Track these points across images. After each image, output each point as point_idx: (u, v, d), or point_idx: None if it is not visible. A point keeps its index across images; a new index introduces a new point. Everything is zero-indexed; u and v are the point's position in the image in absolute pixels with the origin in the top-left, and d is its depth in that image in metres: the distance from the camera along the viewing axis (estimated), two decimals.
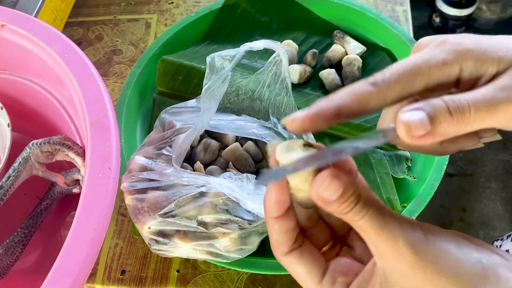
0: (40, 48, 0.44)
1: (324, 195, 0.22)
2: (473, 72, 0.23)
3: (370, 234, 0.22)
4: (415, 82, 0.22)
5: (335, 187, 0.21)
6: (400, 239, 0.21)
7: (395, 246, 0.21)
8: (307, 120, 0.22)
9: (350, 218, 0.22)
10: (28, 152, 0.42)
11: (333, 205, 0.22)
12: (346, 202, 0.22)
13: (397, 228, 0.21)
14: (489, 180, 1.19)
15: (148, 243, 0.42)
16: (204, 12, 0.62)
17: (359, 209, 0.22)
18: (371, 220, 0.21)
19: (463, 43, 0.23)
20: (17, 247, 0.44)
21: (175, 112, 0.47)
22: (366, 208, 0.22)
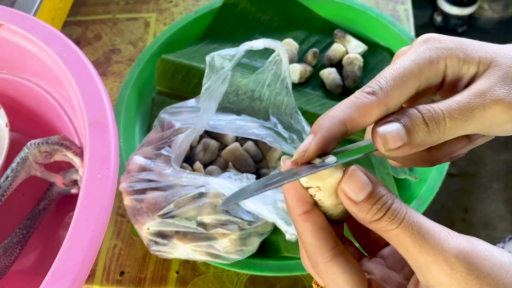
0: (38, 47, 0.44)
1: (349, 192, 0.19)
2: (455, 71, 0.22)
3: (409, 246, 0.19)
4: (409, 85, 0.22)
5: (361, 181, 0.19)
6: (448, 249, 0.18)
7: (442, 257, 0.18)
8: (317, 148, 0.21)
9: (383, 227, 0.19)
10: (26, 152, 0.41)
11: (362, 208, 0.19)
12: (377, 205, 0.19)
13: (441, 236, 0.19)
14: (491, 180, 1.19)
15: (147, 244, 0.41)
16: (203, 11, 0.61)
17: (392, 215, 0.19)
18: (409, 229, 0.19)
19: (445, 41, 0.23)
20: (15, 247, 0.44)
21: (174, 112, 0.47)
22: (402, 214, 0.19)
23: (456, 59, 0.22)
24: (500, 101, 0.21)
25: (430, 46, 0.23)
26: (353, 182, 0.20)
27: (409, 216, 0.19)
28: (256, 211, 0.38)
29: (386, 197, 0.20)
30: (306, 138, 0.22)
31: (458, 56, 0.22)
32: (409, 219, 0.19)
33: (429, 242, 0.18)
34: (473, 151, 1.11)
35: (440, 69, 0.22)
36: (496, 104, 0.21)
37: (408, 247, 0.19)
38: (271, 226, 0.43)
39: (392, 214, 0.19)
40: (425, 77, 0.22)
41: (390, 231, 0.19)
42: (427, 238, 0.19)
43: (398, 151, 0.20)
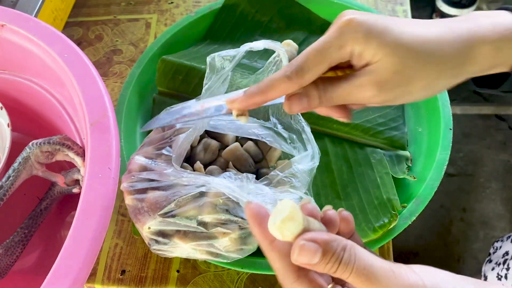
0: (40, 48, 0.44)
1: (305, 262, 0.23)
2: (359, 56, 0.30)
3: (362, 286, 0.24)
4: (321, 67, 0.30)
5: (312, 250, 0.23)
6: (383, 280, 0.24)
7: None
8: (242, 103, 0.32)
9: (340, 276, 0.24)
10: (28, 152, 0.42)
11: (319, 267, 0.24)
12: (330, 262, 0.23)
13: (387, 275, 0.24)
14: (489, 180, 1.19)
15: (148, 243, 0.42)
16: (204, 12, 0.61)
17: (344, 266, 0.23)
18: (359, 276, 0.23)
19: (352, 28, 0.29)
20: (17, 247, 0.44)
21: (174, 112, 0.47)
22: (351, 264, 0.24)
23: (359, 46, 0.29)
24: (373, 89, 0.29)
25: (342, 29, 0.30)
26: (304, 253, 0.23)
27: (358, 264, 0.24)
28: None
29: (337, 251, 0.24)
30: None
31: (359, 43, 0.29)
32: (359, 267, 0.24)
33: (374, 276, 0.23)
34: (472, 151, 1.10)
35: (347, 52, 0.30)
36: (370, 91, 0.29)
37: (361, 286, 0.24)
38: None
39: (344, 266, 0.23)
40: (334, 60, 0.30)
41: (347, 278, 0.24)
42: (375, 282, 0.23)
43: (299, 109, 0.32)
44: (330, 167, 0.50)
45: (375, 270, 0.24)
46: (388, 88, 0.29)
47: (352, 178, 0.49)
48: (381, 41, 0.28)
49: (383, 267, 0.24)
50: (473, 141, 1.26)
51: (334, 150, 0.51)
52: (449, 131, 0.50)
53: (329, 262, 0.23)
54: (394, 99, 0.30)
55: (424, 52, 0.28)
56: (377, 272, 0.24)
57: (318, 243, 0.23)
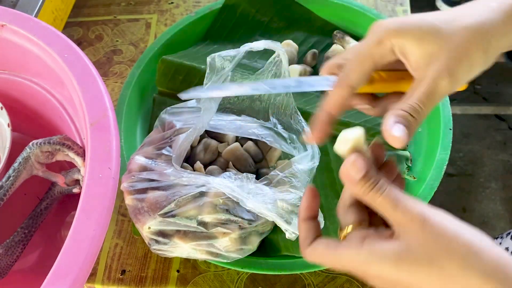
0: (40, 48, 0.44)
1: (350, 173, 0.27)
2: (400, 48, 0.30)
3: (388, 208, 0.27)
4: (365, 65, 0.31)
5: (359, 167, 0.27)
6: (412, 210, 0.26)
7: (409, 214, 0.26)
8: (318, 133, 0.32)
9: (371, 197, 0.27)
10: (28, 152, 0.42)
11: (358, 184, 0.27)
12: (368, 183, 0.27)
13: (409, 203, 0.27)
14: (489, 180, 1.19)
15: (148, 243, 0.42)
16: (204, 12, 0.62)
17: (377, 189, 0.27)
18: (388, 198, 0.27)
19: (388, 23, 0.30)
20: (17, 247, 0.44)
21: (175, 112, 0.47)
22: (383, 189, 0.27)
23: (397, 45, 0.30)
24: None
25: (375, 30, 0.31)
26: (353, 167, 0.28)
27: (389, 190, 0.27)
28: (256, 210, 0.38)
29: (374, 178, 0.28)
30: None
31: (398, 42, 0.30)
32: (389, 192, 0.27)
33: (402, 203, 0.27)
34: (472, 151, 1.11)
35: (387, 48, 0.30)
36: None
37: (388, 209, 0.27)
38: (271, 225, 0.44)
39: (377, 189, 0.27)
40: (376, 57, 0.31)
41: (376, 199, 0.27)
42: (400, 201, 0.27)
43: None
44: (330, 167, 0.50)
45: (402, 198, 0.27)
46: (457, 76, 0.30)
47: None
48: (418, 30, 0.30)
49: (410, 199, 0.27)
50: (473, 141, 1.26)
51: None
52: (449, 131, 0.50)
53: (366, 183, 0.27)
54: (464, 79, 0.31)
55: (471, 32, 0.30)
56: (404, 199, 0.27)
57: (365, 164, 0.28)
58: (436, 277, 0.25)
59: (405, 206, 0.26)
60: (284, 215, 0.38)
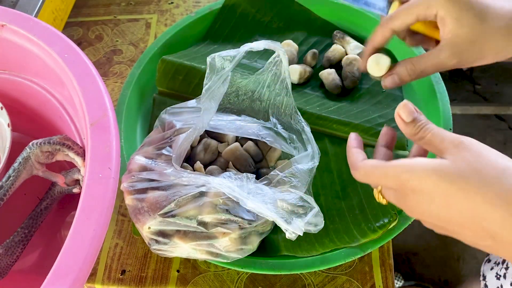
0: (40, 48, 0.44)
1: (402, 115, 0.33)
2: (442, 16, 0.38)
3: (436, 142, 0.32)
4: (409, 17, 0.39)
5: (410, 110, 0.33)
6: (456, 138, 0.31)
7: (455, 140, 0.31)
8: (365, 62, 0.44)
9: (421, 136, 0.32)
10: (28, 152, 0.42)
11: (409, 125, 0.33)
12: (418, 124, 0.33)
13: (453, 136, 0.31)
14: None
15: (148, 243, 0.42)
16: (204, 12, 0.62)
17: (426, 129, 0.32)
18: (435, 135, 0.32)
19: None
20: (17, 247, 0.44)
21: (175, 112, 0.47)
22: (431, 129, 0.32)
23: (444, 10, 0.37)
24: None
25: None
26: (406, 110, 0.33)
27: (436, 129, 0.32)
28: (256, 210, 0.38)
29: (423, 121, 0.33)
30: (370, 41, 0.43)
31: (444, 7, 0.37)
32: (436, 131, 0.32)
33: (447, 137, 0.32)
34: None
35: (432, 13, 0.38)
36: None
37: (436, 142, 0.32)
38: (271, 225, 0.44)
39: (426, 129, 0.32)
40: (421, 16, 0.39)
41: (425, 137, 0.32)
42: (446, 135, 0.32)
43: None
44: (330, 167, 0.50)
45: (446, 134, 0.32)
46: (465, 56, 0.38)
47: (352, 178, 0.49)
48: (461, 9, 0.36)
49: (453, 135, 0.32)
50: None
51: (334, 150, 0.51)
52: (449, 131, 0.50)
53: (416, 123, 0.33)
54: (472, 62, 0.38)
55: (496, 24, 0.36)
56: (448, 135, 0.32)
57: (416, 110, 0.33)
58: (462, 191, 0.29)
59: (450, 137, 0.31)
60: (284, 215, 0.38)
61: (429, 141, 0.32)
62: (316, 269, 0.43)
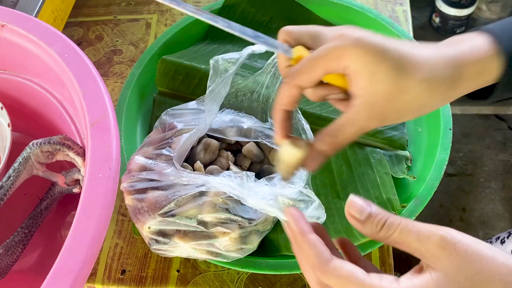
0: (40, 48, 0.44)
1: (355, 214, 0.26)
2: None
3: (410, 239, 0.25)
4: (317, 74, 0.31)
5: (362, 206, 0.27)
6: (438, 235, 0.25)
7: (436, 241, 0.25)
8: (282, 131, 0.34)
9: (385, 235, 0.26)
10: (28, 152, 0.42)
11: (366, 224, 0.26)
12: (377, 219, 0.26)
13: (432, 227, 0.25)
14: (489, 180, 1.19)
15: (148, 243, 0.42)
16: None
17: (390, 224, 0.26)
18: (406, 229, 0.25)
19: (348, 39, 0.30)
20: (17, 247, 0.44)
21: (175, 113, 0.47)
22: (397, 222, 0.26)
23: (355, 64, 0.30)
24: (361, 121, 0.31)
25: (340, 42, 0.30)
26: (355, 207, 0.27)
27: (404, 222, 0.25)
28: (257, 207, 0.38)
29: (382, 215, 0.26)
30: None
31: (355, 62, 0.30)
32: (404, 224, 0.25)
33: (423, 232, 0.25)
34: (472, 151, 1.10)
35: (342, 64, 0.30)
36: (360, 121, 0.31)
37: (408, 241, 0.25)
38: (271, 225, 0.44)
39: (389, 224, 0.26)
40: (330, 68, 0.30)
41: (391, 236, 0.26)
42: (421, 230, 0.25)
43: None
44: (330, 167, 0.50)
45: (421, 224, 0.25)
46: (385, 116, 0.30)
47: (352, 178, 0.49)
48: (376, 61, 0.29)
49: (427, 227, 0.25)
50: (473, 141, 1.26)
51: None
52: (449, 131, 0.50)
53: (375, 219, 0.26)
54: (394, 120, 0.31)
55: (418, 77, 0.29)
56: (423, 225, 0.25)
57: (365, 202, 0.27)
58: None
59: (428, 233, 0.25)
60: None
61: (399, 240, 0.26)
62: None
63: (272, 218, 0.43)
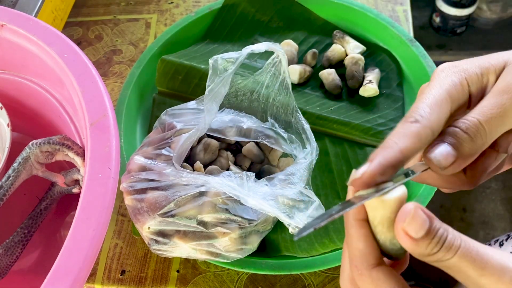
0: (39, 48, 0.44)
1: (409, 230, 0.20)
2: (478, 86, 0.25)
3: (469, 270, 0.19)
4: (444, 108, 0.23)
5: (421, 219, 0.20)
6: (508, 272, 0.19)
7: (507, 276, 0.19)
8: (373, 172, 0.21)
9: (440, 258, 0.20)
10: (28, 152, 0.42)
11: (421, 244, 0.20)
12: (435, 239, 0.20)
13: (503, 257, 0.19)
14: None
15: (148, 243, 0.42)
16: (204, 12, 0.61)
17: (449, 245, 0.20)
18: (468, 255, 0.20)
19: (460, 65, 0.25)
20: (17, 247, 0.44)
21: (175, 113, 0.47)
22: (457, 243, 0.20)
23: (475, 75, 0.25)
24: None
25: (449, 72, 0.25)
26: (414, 222, 0.20)
27: (465, 243, 0.20)
28: (257, 207, 0.38)
29: (442, 230, 0.20)
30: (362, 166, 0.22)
31: (475, 72, 0.25)
32: (466, 246, 0.20)
33: (491, 264, 0.19)
34: None
35: (465, 89, 0.24)
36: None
37: (468, 271, 0.20)
38: (271, 225, 0.44)
39: (448, 245, 0.20)
40: (454, 98, 0.24)
41: (448, 260, 0.20)
42: (488, 261, 0.19)
43: (453, 167, 0.23)
44: (330, 167, 0.50)
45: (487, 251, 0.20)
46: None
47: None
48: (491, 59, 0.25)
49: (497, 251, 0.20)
50: None
51: (334, 150, 0.51)
52: None
53: (433, 239, 0.20)
54: None
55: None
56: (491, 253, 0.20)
57: (426, 214, 0.20)
58: None
59: (498, 267, 0.19)
60: (286, 210, 0.38)
61: (456, 268, 0.20)
62: (316, 269, 0.43)
63: (272, 218, 0.43)
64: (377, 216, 0.21)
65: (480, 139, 0.23)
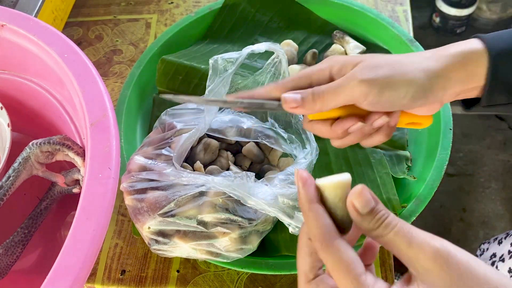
0: (40, 48, 0.44)
1: (357, 205, 0.25)
2: (338, 72, 0.35)
3: (401, 244, 0.24)
4: (302, 82, 0.35)
5: (367, 196, 0.25)
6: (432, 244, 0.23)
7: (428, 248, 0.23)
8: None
9: (379, 233, 0.25)
10: (28, 152, 0.42)
11: (365, 218, 0.25)
12: (377, 217, 0.25)
13: (426, 236, 0.24)
14: (489, 180, 1.19)
15: (148, 243, 0.42)
16: (204, 12, 0.62)
17: (387, 224, 0.25)
18: (400, 232, 0.24)
19: (333, 58, 0.36)
20: (17, 247, 0.44)
21: (175, 113, 0.47)
22: (394, 223, 0.25)
23: (338, 64, 0.35)
24: (357, 79, 0.33)
25: (326, 60, 0.36)
26: (361, 199, 0.25)
27: (401, 224, 0.25)
28: (257, 207, 0.38)
29: (384, 211, 0.25)
30: None
31: (340, 63, 0.35)
32: (401, 226, 0.25)
33: (417, 239, 0.24)
34: (472, 151, 1.10)
35: (325, 72, 0.35)
36: (354, 80, 0.33)
37: (400, 245, 0.24)
38: (271, 225, 0.44)
39: (387, 223, 0.25)
40: (314, 76, 0.35)
41: (385, 235, 0.25)
42: (415, 237, 0.24)
43: (296, 110, 0.34)
44: (330, 167, 0.50)
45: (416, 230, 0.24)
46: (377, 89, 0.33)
47: (352, 178, 0.49)
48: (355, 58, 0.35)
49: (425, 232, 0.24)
50: (473, 141, 1.26)
51: (334, 150, 0.51)
52: (449, 131, 0.50)
53: (375, 216, 0.25)
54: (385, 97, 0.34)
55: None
56: (418, 232, 0.24)
57: (373, 198, 0.25)
58: None
59: (422, 241, 0.23)
60: (286, 210, 0.38)
61: (391, 242, 0.24)
62: None
63: (272, 218, 0.43)
64: (338, 194, 0.26)
65: (319, 103, 0.34)
